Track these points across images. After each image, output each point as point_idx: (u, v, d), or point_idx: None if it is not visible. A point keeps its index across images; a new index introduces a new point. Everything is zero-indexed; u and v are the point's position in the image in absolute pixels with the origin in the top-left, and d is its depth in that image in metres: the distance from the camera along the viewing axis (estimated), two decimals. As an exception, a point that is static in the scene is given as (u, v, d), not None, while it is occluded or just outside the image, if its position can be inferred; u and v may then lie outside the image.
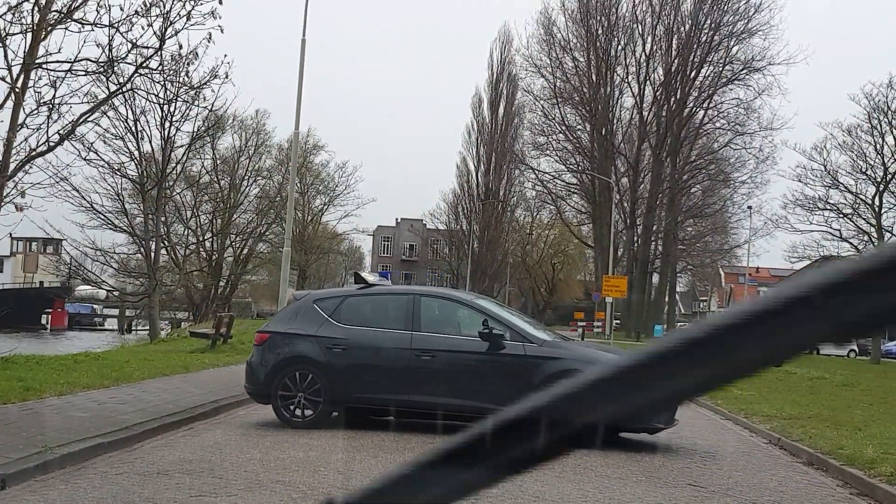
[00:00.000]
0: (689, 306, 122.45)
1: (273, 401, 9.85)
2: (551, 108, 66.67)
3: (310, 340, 9.95)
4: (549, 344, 10.00)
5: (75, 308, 66.80)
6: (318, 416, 9.73)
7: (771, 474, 8.50)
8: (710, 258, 69.33)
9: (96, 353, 18.34)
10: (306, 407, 9.75)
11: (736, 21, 59.89)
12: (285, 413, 9.79)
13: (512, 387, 9.61)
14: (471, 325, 10.15)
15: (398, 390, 9.70)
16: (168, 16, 14.72)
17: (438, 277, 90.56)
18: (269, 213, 46.68)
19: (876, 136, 41.09)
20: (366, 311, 10.33)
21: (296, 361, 9.92)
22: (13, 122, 13.73)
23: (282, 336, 10.15)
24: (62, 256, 47.76)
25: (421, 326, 9.96)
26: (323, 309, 10.20)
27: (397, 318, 10.11)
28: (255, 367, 10.13)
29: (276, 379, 9.84)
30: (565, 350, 10.12)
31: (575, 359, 9.80)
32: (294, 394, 9.77)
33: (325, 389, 9.75)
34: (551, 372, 9.59)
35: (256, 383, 10.08)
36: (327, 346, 9.87)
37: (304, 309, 10.35)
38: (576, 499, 6.76)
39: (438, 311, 10.51)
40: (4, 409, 9.28)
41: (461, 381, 9.72)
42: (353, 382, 9.78)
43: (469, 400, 9.54)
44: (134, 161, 26.51)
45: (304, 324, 10.11)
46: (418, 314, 10.04)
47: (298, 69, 21.94)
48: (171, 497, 6.19)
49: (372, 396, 9.78)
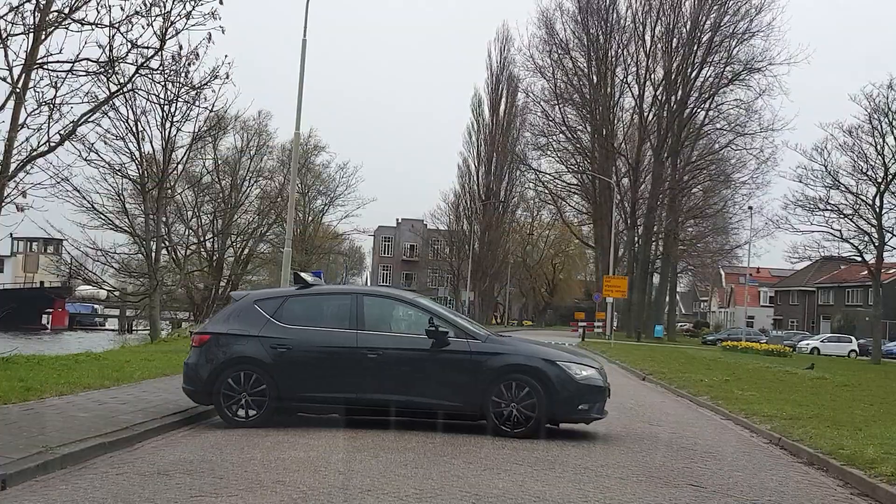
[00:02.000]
0: (689, 306, 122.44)
1: (216, 401, 9.73)
2: (552, 108, 66.66)
3: (253, 341, 9.89)
4: (492, 340, 10.30)
5: (76, 308, 66.90)
6: (262, 417, 9.67)
7: (771, 474, 8.50)
8: (710, 258, 69.25)
9: (97, 353, 18.34)
10: (250, 407, 9.68)
11: (736, 21, 59.86)
12: (228, 413, 9.68)
13: (459, 382, 9.84)
14: (414, 323, 10.31)
15: (345, 389, 9.78)
16: (168, 16, 14.71)
17: (439, 277, 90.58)
18: (269, 214, 46.68)
19: (876, 137, 41.12)
20: (309, 311, 10.32)
21: (239, 362, 9.82)
22: (14, 123, 13.74)
23: (223, 337, 10.05)
24: (63, 256, 47.74)
25: (365, 325, 10.00)
26: (264, 309, 10.15)
27: (341, 317, 10.16)
28: (195, 367, 9.98)
29: (219, 380, 9.72)
30: (509, 346, 10.40)
31: (519, 353, 10.10)
32: (238, 394, 9.69)
33: (270, 389, 9.70)
34: (497, 366, 9.85)
35: (197, 384, 9.93)
36: (271, 346, 9.83)
37: (244, 309, 10.26)
38: (576, 499, 6.76)
39: (382, 309, 10.55)
40: (5, 409, 9.28)
41: (408, 378, 9.84)
42: (299, 382, 9.78)
43: (417, 396, 9.78)
44: (135, 161, 26.50)
45: (246, 324, 10.04)
46: (362, 313, 10.09)
47: (299, 70, 21.97)
48: (171, 497, 6.20)
49: (319, 395, 9.81)
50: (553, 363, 9.94)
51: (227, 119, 39.24)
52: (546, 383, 9.75)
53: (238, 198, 46.97)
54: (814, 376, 23.19)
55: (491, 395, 9.72)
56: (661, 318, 64.62)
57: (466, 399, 9.78)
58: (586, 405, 9.92)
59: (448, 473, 7.45)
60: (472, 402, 9.79)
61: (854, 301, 71.04)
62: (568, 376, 9.86)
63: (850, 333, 60.33)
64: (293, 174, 26.70)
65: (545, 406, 9.70)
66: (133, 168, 26.92)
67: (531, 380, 9.77)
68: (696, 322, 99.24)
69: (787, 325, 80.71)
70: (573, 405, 9.88)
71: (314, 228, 62.81)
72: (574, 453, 8.94)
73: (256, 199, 49.27)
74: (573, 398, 9.85)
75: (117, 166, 26.56)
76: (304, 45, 22.71)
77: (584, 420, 10.16)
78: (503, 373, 9.82)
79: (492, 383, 9.75)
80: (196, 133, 27.49)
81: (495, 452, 8.67)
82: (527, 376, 9.80)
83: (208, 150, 44.20)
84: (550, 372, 9.83)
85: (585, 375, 10.01)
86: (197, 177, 42.39)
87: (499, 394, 9.73)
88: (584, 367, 10.14)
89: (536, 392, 9.71)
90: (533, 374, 9.80)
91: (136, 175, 26.97)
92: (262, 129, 50.06)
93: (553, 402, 9.74)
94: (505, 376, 9.79)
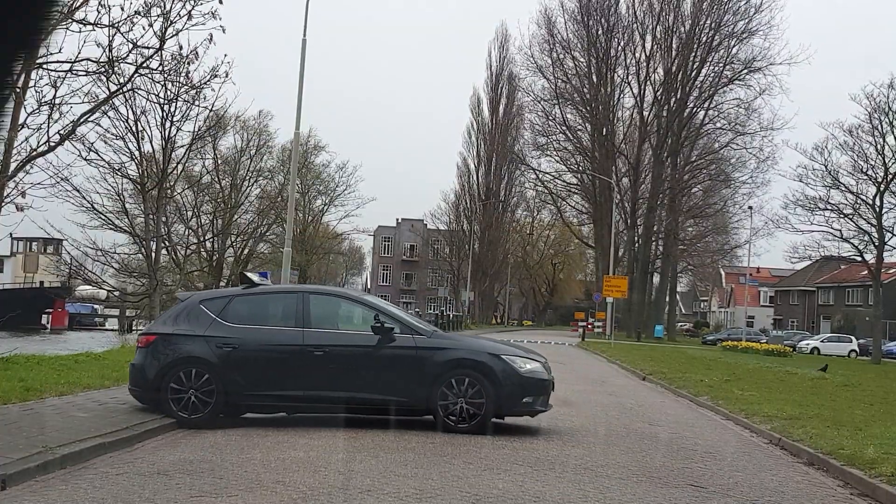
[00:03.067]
0: (689, 306, 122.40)
1: (163, 400, 9.63)
2: (552, 108, 66.68)
3: (199, 340, 9.86)
4: (437, 335, 10.46)
5: (76, 308, 66.82)
6: (209, 415, 9.63)
7: (771, 474, 8.50)
8: (710, 258, 69.24)
9: (97, 353, 18.32)
10: (198, 406, 9.61)
11: (736, 21, 59.88)
12: (180, 413, 9.57)
13: (405, 377, 9.90)
14: (360, 320, 10.41)
15: (293, 386, 9.82)
16: (168, 16, 14.72)
17: (439, 277, 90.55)
18: (269, 214, 46.69)
19: (877, 137, 41.12)
20: (255, 310, 10.36)
21: (186, 362, 9.78)
22: (14, 122, 13.73)
23: (169, 337, 10.02)
24: (63, 256, 47.74)
25: (311, 323, 10.05)
26: (210, 309, 10.14)
27: (287, 315, 10.21)
28: (142, 368, 9.91)
29: (166, 379, 9.65)
30: (454, 341, 10.59)
31: (464, 348, 10.23)
32: (185, 391, 9.63)
33: (217, 388, 9.67)
34: (443, 360, 9.93)
35: (143, 385, 9.85)
36: (217, 345, 9.81)
37: (189, 310, 10.24)
38: (576, 499, 6.76)
39: (327, 307, 10.62)
40: (5, 409, 9.28)
41: (355, 374, 9.90)
42: (246, 380, 9.77)
43: (363, 392, 9.84)
44: (134, 161, 26.42)
45: (192, 324, 10.02)
46: (308, 311, 10.12)
47: (299, 70, 22.00)
48: (171, 497, 6.19)
49: (266, 393, 9.82)
50: (498, 357, 10.06)
51: (228, 119, 39.28)
52: (491, 377, 9.85)
53: (238, 198, 46.99)
54: (814, 376, 23.17)
55: (438, 390, 9.78)
56: (661, 318, 64.60)
57: (413, 394, 9.83)
58: (531, 398, 10.03)
59: (448, 473, 7.44)
60: (418, 397, 9.83)
61: (854, 301, 71.03)
62: (512, 370, 9.95)
63: (851, 333, 60.32)
64: (293, 174, 26.71)
65: (492, 400, 9.79)
66: (133, 168, 26.87)
67: (477, 374, 9.85)
68: (696, 322, 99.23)
69: (788, 325, 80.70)
70: (518, 398, 9.98)
71: (314, 228, 62.84)
72: (574, 453, 8.93)
73: (256, 199, 49.31)
74: (518, 391, 9.95)
75: (117, 166, 26.49)
76: (304, 46, 22.76)
77: (529, 413, 10.24)
78: (449, 367, 9.90)
79: (438, 378, 9.81)
80: (196, 132, 27.44)
81: (495, 452, 8.66)
82: (472, 370, 9.88)
83: (208, 150, 44.24)
84: (495, 366, 9.93)
85: (529, 369, 10.10)
86: (197, 177, 42.38)
87: (446, 388, 9.79)
88: (527, 360, 10.24)
89: (483, 386, 9.79)
90: (478, 369, 9.89)
91: (136, 175, 26.92)
92: (262, 130, 50.13)
93: (499, 395, 9.83)
94: (451, 371, 9.87)
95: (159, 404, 9.68)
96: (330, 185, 63.26)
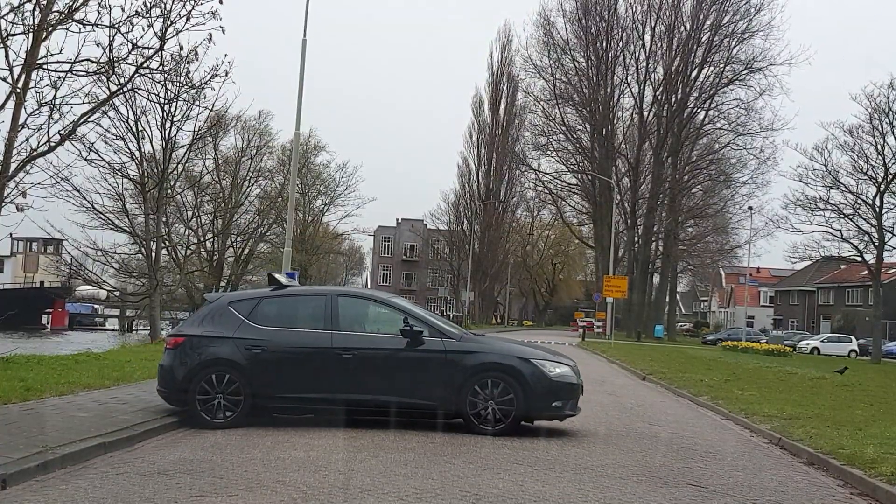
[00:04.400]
0: (689, 306, 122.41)
1: (191, 403, 9.66)
2: (551, 108, 66.66)
3: (228, 342, 9.85)
4: (467, 339, 10.30)
5: (76, 308, 66.87)
6: (237, 417, 9.63)
7: (771, 474, 8.50)
8: (710, 258, 69.27)
9: (97, 353, 18.34)
10: (227, 408, 9.62)
11: (737, 21, 59.87)
12: (205, 415, 9.60)
13: (434, 380, 9.83)
14: (389, 323, 10.29)
15: (321, 389, 9.77)
16: (168, 16, 14.71)
17: (439, 277, 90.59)
18: (269, 214, 46.69)
19: (877, 137, 41.13)
20: (283, 312, 10.31)
21: (214, 364, 9.77)
22: (14, 123, 13.73)
23: (198, 339, 10.00)
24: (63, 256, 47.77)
25: (340, 325, 10.01)
26: (239, 311, 10.12)
27: (315, 317, 10.15)
28: (170, 370, 9.91)
29: (194, 381, 9.66)
30: (483, 344, 10.40)
31: (494, 352, 10.13)
32: (213, 396, 9.63)
33: (245, 390, 9.67)
34: (472, 364, 9.86)
35: (172, 386, 9.87)
36: (246, 347, 9.80)
37: (218, 311, 10.23)
38: (576, 499, 6.76)
39: (356, 310, 10.57)
40: (5, 409, 9.29)
41: (383, 378, 9.86)
42: (274, 383, 9.76)
43: (392, 395, 9.75)
44: (135, 161, 26.44)
45: (221, 326, 10.00)
46: (336, 313, 10.09)
47: (299, 70, 22.01)
48: (171, 497, 6.20)
49: (294, 396, 9.79)
50: (527, 361, 9.99)
51: (228, 119, 39.29)
52: (521, 381, 9.80)
53: (238, 198, 47.00)
54: (814, 376, 23.17)
55: (467, 394, 9.74)
56: (661, 318, 64.61)
57: (442, 398, 9.78)
58: (560, 402, 9.97)
59: (448, 473, 7.45)
60: (447, 401, 9.79)
61: (854, 301, 71.02)
62: (542, 374, 9.91)
63: (850, 333, 60.31)
64: (293, 174, 26.73)
65: (521, 403, 9.75)
66: (133, 168, 26.89)
67: (507, 377, 9.81)
68: (696, 322, 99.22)
69: (788, 325, 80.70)
70: (548, 402, 9.92)
71: (314, 228, 62.82)
72: (574, 453, 8.94)
73: (256, 199, 49.32)
74: (547, 395, 9.89)
75: (117, 166, 26.52)
76: (304, 45, 22.78)
77: (558, 417, 10.19)
78: (479, 371, 9.85)
79: (467, 381, 9.76)
80: (196, 132, 27.45)
81: (495, 452, 8.66)
82: (502, 374, 9.83)
83: (209, 150, 44.29)
84: (525, 369, 9.88)
85: (559, 373, 10.06)
86: (197, 177, 42.38)
87: (475, 392, 9.76)
88: (557, 364, 10.18)
89: (513, 389, 9.75)
90: (508, 372, 9.84)
91: (137, 175, 26.93)
92: (262, 130, 50.15)
93: (528, 399, 9.78)
94: (481, 374, 9.82)
95: (187, 405, 9.71)
96: (330, 185, 63.28)
